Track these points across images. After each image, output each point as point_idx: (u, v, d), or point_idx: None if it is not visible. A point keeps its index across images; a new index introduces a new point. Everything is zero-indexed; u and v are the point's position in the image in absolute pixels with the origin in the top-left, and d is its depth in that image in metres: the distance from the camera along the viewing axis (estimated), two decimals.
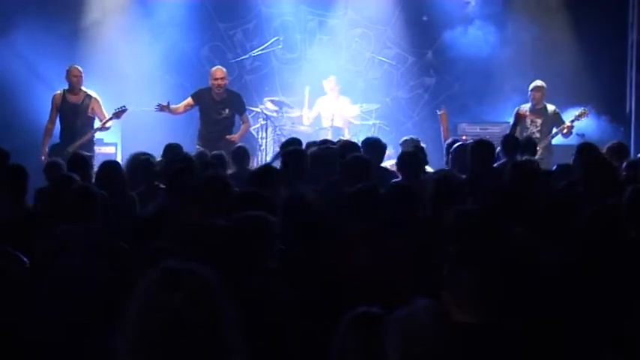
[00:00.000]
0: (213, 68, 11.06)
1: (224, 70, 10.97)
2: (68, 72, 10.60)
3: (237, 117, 10.91)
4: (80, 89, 10.55)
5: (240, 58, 13.01)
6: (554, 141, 10.75)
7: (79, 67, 10.69)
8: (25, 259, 4.48)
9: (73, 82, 10.54)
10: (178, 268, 2.40)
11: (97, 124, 10.51)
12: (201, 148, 9.70)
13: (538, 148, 9.24)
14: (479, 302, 3.50)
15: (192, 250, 4.30)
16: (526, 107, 10.90)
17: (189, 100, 10.87)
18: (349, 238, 5.02)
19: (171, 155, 7.82)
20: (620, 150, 8.36)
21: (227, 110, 10.76)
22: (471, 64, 13.04)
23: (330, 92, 12.44)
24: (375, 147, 7.84)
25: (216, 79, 10.70)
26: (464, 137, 11.28)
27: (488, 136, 9.44)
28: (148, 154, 7.51)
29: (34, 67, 12.38)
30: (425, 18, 13.36)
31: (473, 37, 12.98)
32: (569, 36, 12.76)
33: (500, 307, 3.64)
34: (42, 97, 12.01)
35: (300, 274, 4.58)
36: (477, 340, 3.40)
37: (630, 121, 12.54)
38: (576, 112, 10.73)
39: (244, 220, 4.31)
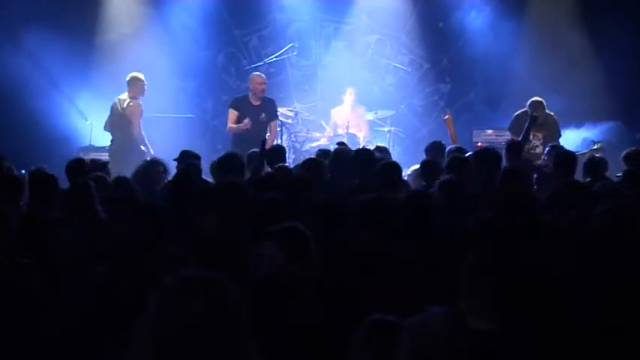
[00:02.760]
0: (255, 74, 11.37)
1: (264, 75, 11.35)
2: (141, 81, 10.73)
3: None
4: None
5: (255, 65, 13.01)
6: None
7: None
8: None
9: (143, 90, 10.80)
10: (197, 276, 2.40)
11: None
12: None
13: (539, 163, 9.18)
14: (496, 310, 3.49)
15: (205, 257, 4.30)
16: (520, 113, 10.79)
17: (233, 112, 11.03)
18: (363, 246, 5.02)
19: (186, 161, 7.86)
20: (637, 157, 8.35)
21: (263, 115, 11.06)
22: (487, 71, 13.04)
23: (347, 102, 12.46)
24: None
25: (260, 83, 11.12)
26: (479, 144, 11.27)
27: (502, 143, 9.43)
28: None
29: (47, 71, 12.47)
30: (440, 25, 13.36)
31: (488, 44, 12.96)
32: (584, 44, 12.72)
33: (517, 315, 3.63)
34: (54, 102, 12.19)
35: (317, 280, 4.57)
36: (494, 347, 3.38)
37: None
38: (593, 146, 10.62)
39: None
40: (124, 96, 10.65)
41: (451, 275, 3.81)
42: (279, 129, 11.81)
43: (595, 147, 10.54)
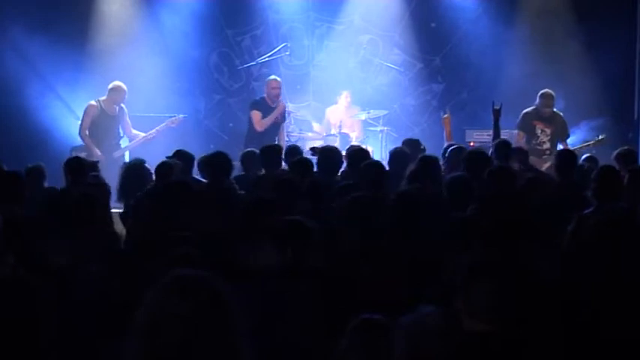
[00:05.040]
0: (270, 78, 11.68)
1: (279, 79, 11.65)
2: (120, 90, 11.29)
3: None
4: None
5: (248, 65, 13.04)
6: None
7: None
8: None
9: (121, 98, 11.35)
10: (188, 276, 2.40)
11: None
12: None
13: (545, 158, 9.21)
14: (494, 312, 3.48)
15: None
16: (529, 110, 10.87)
17: (258, 113, 11.35)
18: (350, 246, 5.02)
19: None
20: (628, 156, 8.41)
21: (279, 116, 11.42)
22: (479, 71, 13.05)
23: (341, 103, 12.52)
24: (400, 157, 8.01)
25: (274, 88, 11.47)
26: (471, 143, 11.28)
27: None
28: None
29: (39, 71, 12.48)
30: (433, 25, 13.36)
31: (481, 43, 12.97)
32: (577, 43, 12.72)
33: (515, 317, 3.63)
34: (46, 101, 12.24)
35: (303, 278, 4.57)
36: (492, 349, 3.37)
37: (638, 126, 12.52)
38: (597, 137, 10.64)
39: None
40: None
41: (447, 274, 3.81)
42: None
43: (599, 138, 10.57)
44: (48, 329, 3.67)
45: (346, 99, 12.51)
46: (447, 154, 8.39)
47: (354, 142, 11.48)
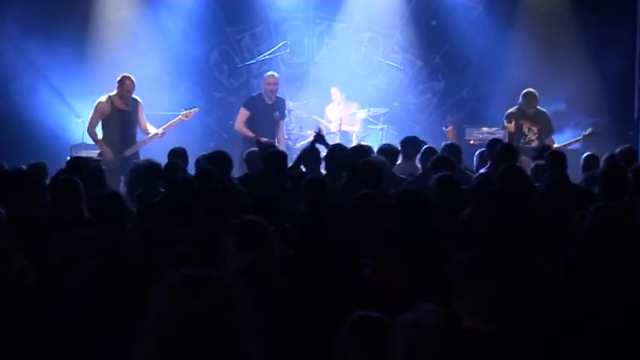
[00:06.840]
0: (268, 74, 11.48)
1: (277, 75, 11.39)
2: (124, 81, 10.46)
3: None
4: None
5: (248, 63, 13.04)
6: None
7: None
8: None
9: (128, 91, 10.50)
10: (199, 275, 2.40)
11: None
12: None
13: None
14: (494, 311, 3.47)
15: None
16: (513, 110, 10.87)
17: (245, 111, 11.23)
18: (353, 244, 5.02)
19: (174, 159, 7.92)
20: (629, 154, 8.46)
21: (277, 113, 11.29)
22: (480, 69, 13.05)
23: (337, 101, 12.51)
24: (389, 153, 8.04)
25: (269, 84, 11.26)
26: (471, 142, 11.28)
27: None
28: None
29: (39, 68, 12.50)
30: (434, 23, 13.36)
31: (481, 42, 12.97)
32: (578, 40, 12.73)
33: (514, 316, 3.62)
34: (46, 99, 12.24)
35: (302, 276, 4.58)
36: (491, 348, 3.37)
37: (638, 125, 12.52)
38: (585, 132, 10.65)
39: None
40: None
41: (437, 274, 3.80)
42: None
43: (587, 132, 10.57)
44: (41, 325, 3.68)
45: (334, 95, 12.50)
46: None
47: (355, 140, 11.49)
